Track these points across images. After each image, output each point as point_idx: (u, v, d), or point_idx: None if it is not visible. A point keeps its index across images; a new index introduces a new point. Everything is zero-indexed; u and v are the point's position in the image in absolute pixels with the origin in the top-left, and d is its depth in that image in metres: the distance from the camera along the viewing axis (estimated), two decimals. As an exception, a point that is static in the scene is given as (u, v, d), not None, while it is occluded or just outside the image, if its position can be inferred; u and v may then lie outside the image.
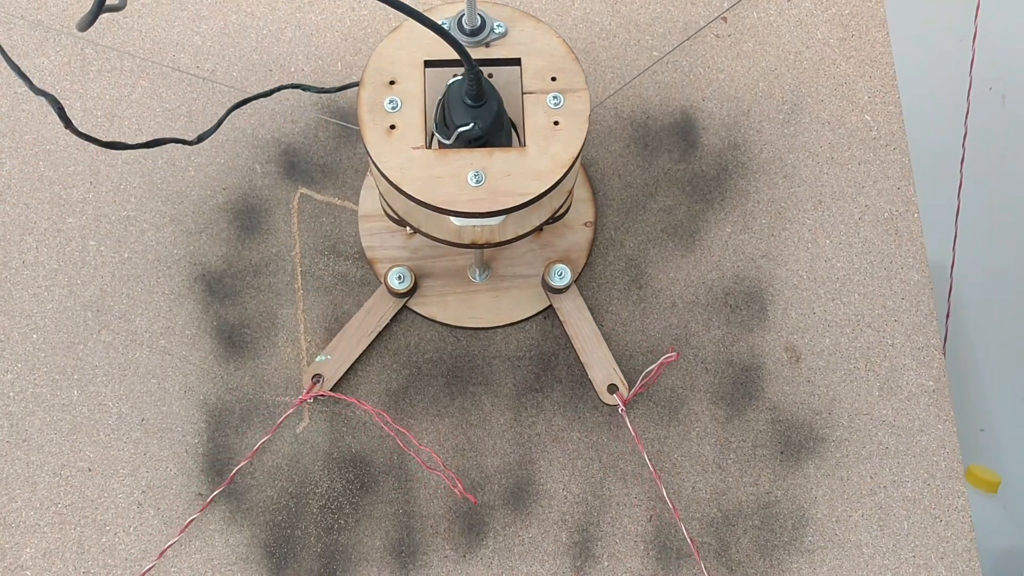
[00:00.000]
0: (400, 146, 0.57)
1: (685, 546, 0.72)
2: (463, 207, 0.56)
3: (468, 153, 0.57)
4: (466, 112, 0.57)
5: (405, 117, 0.58)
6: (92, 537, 0.71)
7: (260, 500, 0.72)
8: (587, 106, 0.59)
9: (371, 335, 0.73)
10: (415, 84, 0.59)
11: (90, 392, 0.74)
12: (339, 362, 0.73)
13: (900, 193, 0.81)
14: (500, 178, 0.57)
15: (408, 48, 0.59)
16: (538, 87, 0.59)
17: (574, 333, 0.74)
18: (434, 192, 0.57)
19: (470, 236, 0.62)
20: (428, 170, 0.57)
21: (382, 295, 0.74)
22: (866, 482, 0.74)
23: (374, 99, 0.58)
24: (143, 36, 0.82)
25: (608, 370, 0.74)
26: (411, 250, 0.76)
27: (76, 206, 0.78)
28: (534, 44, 0.60)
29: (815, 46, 0.85)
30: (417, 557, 0.71)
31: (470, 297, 0.75)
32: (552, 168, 0.57)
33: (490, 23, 0.59)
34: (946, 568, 0.72)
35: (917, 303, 0.78)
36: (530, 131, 0.58)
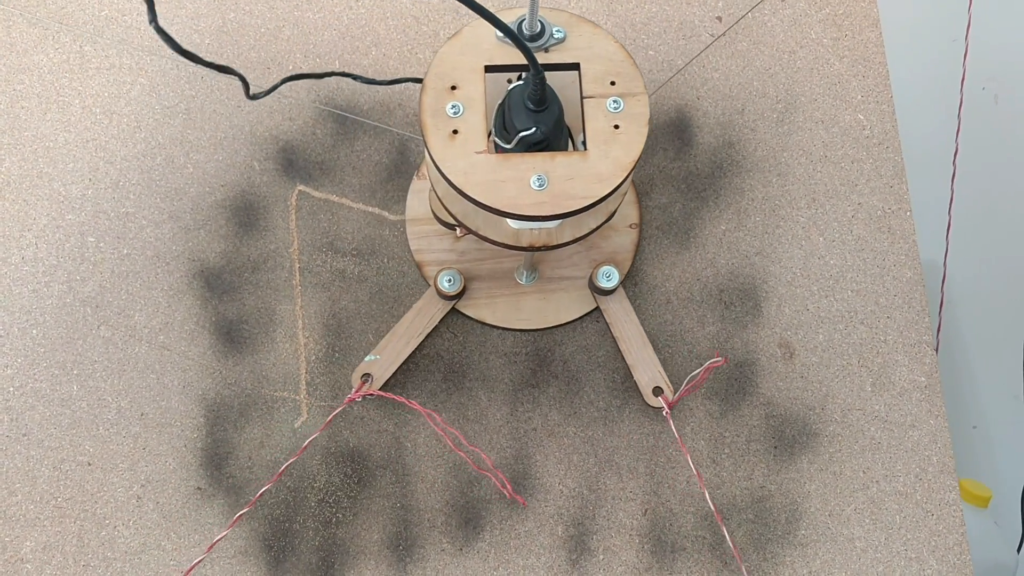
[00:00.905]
0: (463, 150, 0.58)
1: (680, 540, 0.73)
2: (526, 210, 0.57)
3: (530, 157, 0.58)
4: (528, 116, 0.57)
5: (467, 122, 0.58)
6: (92, 531, 0.72)
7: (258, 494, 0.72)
8: (647, 110, 0.59)
9: (420, 336, 0.74)
10: (476, 89, 0.59)
11: (89, 387, 0.74)
12: (388, 362, 0.73)
13: (893, 191, 0.82)
14: (562, 182, 0.57)
15: (468, 53, 0.60)
16: (598, 91, 0.59)
17: (620, 335, 0.75)
18: (497, 196, 0.57)
19: (527, 239, 0.63)
20: (491, 174, 0.58)
21: (431, 297, 0.75)
22: (859, 477, 0.75)
23: (436, 104, 0.59)
24: (142, 34, 0.83)
25: (654, 372, 0.74)
26: (458, 253, 0.77)
27: (75, 202, 0.78)
28: (592, 49, 0.60)
29: (809, 45, 0.86)
30: (414, 551, 0.72)
31: (518, 299, 0.76)
32: (614, 171, 0.58)
33: (549, 28, 0.60)
34: (937, 561, 0.73)
35: (909, 300, 0.79)
36: (591, 135, 0.59)
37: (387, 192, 0.80)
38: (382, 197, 0.79)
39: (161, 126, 0.80)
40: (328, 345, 0.76)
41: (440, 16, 0.84)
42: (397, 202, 0.79)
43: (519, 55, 0.58)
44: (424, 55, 0.83)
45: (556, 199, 0.57)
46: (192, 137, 0.80)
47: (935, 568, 0.73)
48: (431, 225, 0.76)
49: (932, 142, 1.16)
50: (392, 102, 0.82)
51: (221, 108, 0.81)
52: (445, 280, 0.74)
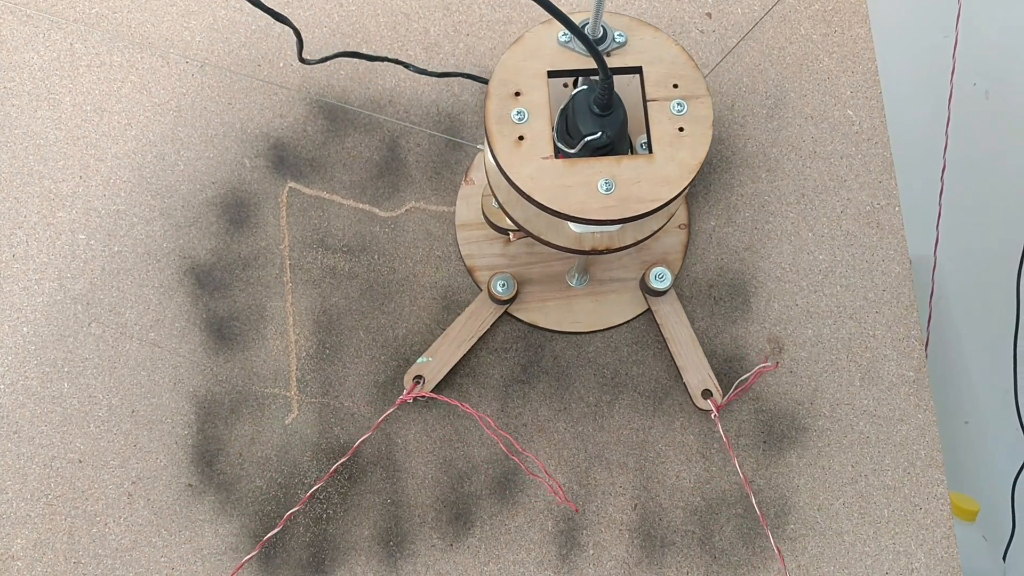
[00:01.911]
0: (529, 156, 0.58)
1: (669, 534, 0.73)
2: (595, 215, 0.57)
3: (597, 162, 0.58)
4: (594, 121, 0.57)
5: (533, 128, 0.58)
6: (82, 528, 0.72)
7: (249, 490, 0.73)
8: (711, 112, 0.59)
9: (472, 339, 0.74)
10: (540, 95, 0.59)
11: (80, 384, 0.74)
12: (440, 364, 0.73)
13: (881, 187, 0.82)
14: (630, 185, 0.57)
15: (531, 59, 0.60)
16: (661, 95, 0.59)
17: (671, 336, 0.75)
18: (565, 201, 0.57)
19: (590, 243, 0.63)
20: (559, 179, 0.57)
21: (483, 301, 0.75)
22: (847, 471, 0.75)
23: (501, 111, 0.59)
24: (132, 31, 0.83)
25: (703, 375, 0.74)
26: (509, 257, 0.77)
27: (66, 200, 0.78)
28: (654, 52, 0.60)
29: (798, 42, 0.86)
30: (405, 546, 0.72)
31: (570, 302, 0.76)
32: (680, 174, 0.58)
33: (611, 33, 0.60)
34: (925, 554, 0.73)
35: (898, 295, 0.79)
36: (656, 137, 0.59)
37: (377, 189, 0.80)
38: (372, 194, 0.80)
39: (152, 123, 0.81)
40: (319, 342, 0.76)
41: (430, 13, 0.85)
42: (387, 199, 0.80)
43: (581, 60, 0.59)
44: (415, 51, 0.84)
45: (624, 203, 0.57)
46: (183, 134, 0.80)
47: (923, 561, 0.73)
48: (481, 230, 0.77)
49: (923, 137, 1.16)
50: (383, 99, 0.82)
51: (212, 105, 0.81)
52: (499, 284, 0.74)
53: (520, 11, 0.85)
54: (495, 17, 0.85)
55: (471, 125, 0.82)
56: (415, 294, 0.77)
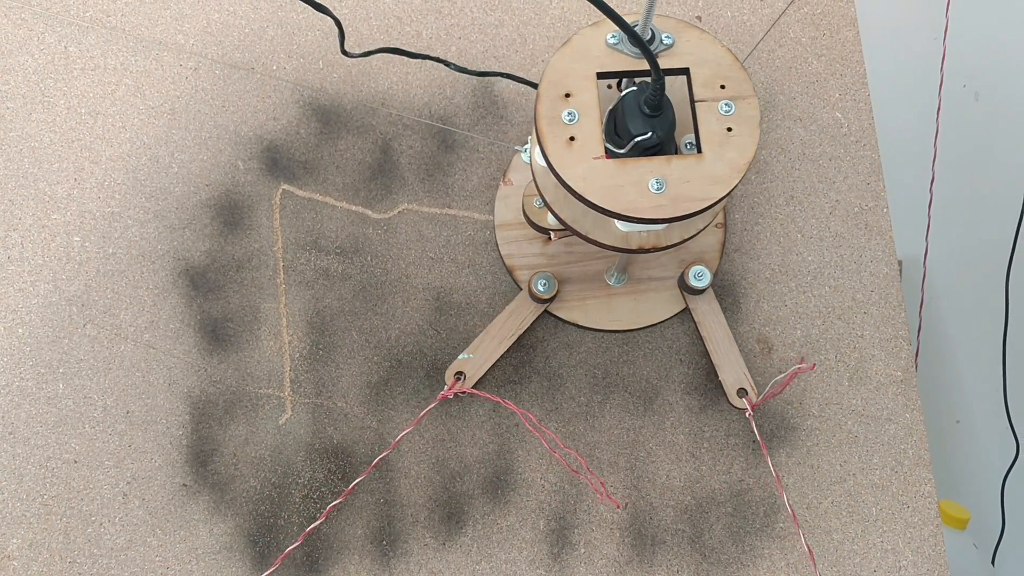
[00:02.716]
0: (581, 156, 0.59)
1: (660, 533, 0.74)
2: (646, 213, 0.58)
3: (647, 161, 0.59)
4: (644, 122, 0.58)
5: (583, 128, 0.59)
6: (78, 528, 0.72)
7: (243, 490, 0.73)
8: (758, 112, 0.60)
9: (512, 337, 0.75)
10: (590, 96, 0.60)
11: (75, 385, 0.75)
12: (480, 361, 0.74)
13: (870, 188, 0.83)
14: (680, 184, 0.58)
15: (580, 61, 0.60)
16: (709, 95, 0.60)
17: (708, 335, 0.76)
18: (618, 200, 0.58)
19: (637, 241, 0.63)
20: (610, 179, 0.58)
21: (524, 300, 0.76)
22: (836, 470, 0.76)
23: (552, 112, 0.59)
24: (126, 34, 0.83)
25: (739, 374, 0.75)
26: (548, 256, 0.78)
27: (60, 202, 0.79)
28: (700, 54, 0.61)
29: (787, 44, 0.87)
30: (398, 545, 0.73)
31: (609, 301, 0.77)
32: (729, 173, 0.59)
33: (659, 35, 0.61)
34: (913, 552, 0.74)
35: (886, 295, 0.80)
36: (704, 138, 0.59)
37: (370, 191, 0.80)
38: (365, 196, 0.80)
39: (146, 126, 0.81)
40: (312, 342, 0.77)
41: (422, 16, 0.85)
42: (380, 200, 0.80)
43: (629, 61, 0.60)
44: (407, 55, 0.84)
45: (675, 202, 0.58)
46: (177, 137, 0.81)
47: (910, 559, 0.74)
48: (521, 230, 0.78)
49: (913, 139, 1.17)
50: (376, 101, 0.83)
51: (206, 108, 0.82)
52: (540, 284, 0.74)
53: (512, 14, 0.86)
54: (487, 20, 0.86)
55: (463, 128, 0.82)
56: (408, 295, 0.78)
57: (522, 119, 0.83)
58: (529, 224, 0.74)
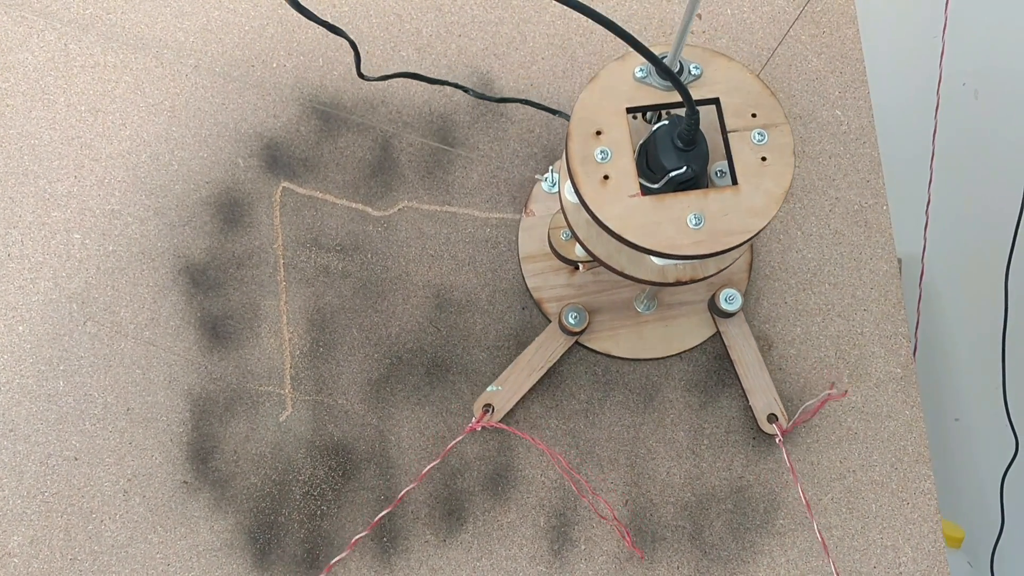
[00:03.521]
0: (616, 195, 0.58)
1: (660, 530, 0.74)
2: (687, 250, 0.57)
3: (684, 196, 0.57)
4: (678, 156, 0.57)
5: (617, 166, 0.58)
6: (78, 525, 0.72)
7: (244, 487, 0.73)
8: (791, 139, 0.59)
9: (541, 370, 0.74)
10: (621, 132, 0.59)
11: (76, 382, 0.75)
12: (509, 394, 0.74)
13: (869, 186, 0.83)
14: (719, 218, 0.57)
15: (609, 97, 0.59)
16: (741, 125, 0.59)
17: (738, 359, 0.75)
18: (656, 238, 0.57)
19: (674, 275, 0.62)
20: (648, 217, 0.57)
21: (553, 332, 0.75)
22: (835, 466, 0.76)
23: (584, 151, 0.58)
24: (126, 32, 0.83)
25: (769, 399, 0.75)
26: (576, 287, 0.77)
27: (61, 200, 0.79)
28: (730, 82, 0.60)
29: (787, 42, 0.87)
30: (398, 542, 0.73)
31: (640, 328, 0.76)
32: (767, 203, 0.57)
33: (687, 65, 0.60)
34: (912, 549, 0.74)
35: (885, 293, 0.80)
36: (740, 169, 0.58)
37: (370, 188, 0.80)
38: (366, 193, 0.80)
39: (146, 123, 0.81)
40: (312, 340, 0.77)
41: (422, 14, 0.85)
42: (380, 198, 0.80)
43: (659, 94, 0.59)
44: (407, 52, 0.84)
45: (714, 236, 0.57)
46: (177, 134, 0.81)
47: (910, 555, 0.74)
48: (547, 261, 0.77)
49: (913, 137, 1.17)
50: (376, 99, 0.83)
51: (206, 105, 0.82)
52: (571, 317, 0.74)
53: (512, 12, 0.86)
54: (487, 18, 0.86)
55: (463, 125, 0.82)
56: (408, 292, 0.78)
57: (521, 116, 0.83)
58: (556, 256, 0.74)
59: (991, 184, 1.25)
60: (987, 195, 1.25)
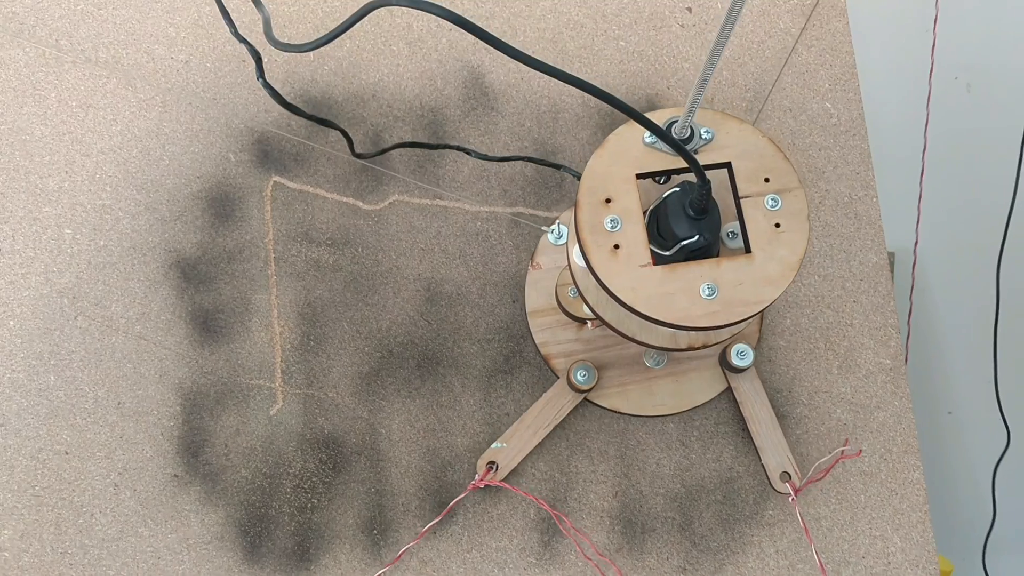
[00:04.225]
0: (627, 265, 0.56)
1: (650, 521, 0.74)
2: (700, 322, 0.55)
3: (697, 266, 0.56)
4: (690, 225, 0.56)
5: (627, 235, 0.57)
6: (69, 518, 0.72)
7: (235, 481, 0.74)
8: (805, 205, 0.57)
9: (548, 427, 0.73)
10: (631, 200, 0.57)
11: (67, 377, 0.75)
12: (514, 451, 0.73)
13: (859, 178, 0.83)
14: (732, 288, 0.56)
15: (618, 163, 0.58)
16: (754, 190, 0.57)
17: (750, 415, 0.74)
18: (669, 309, 0.55)
19: (686, 341, 0.62)
20: (660, 287, 0.56)
21: (561, 388, 0.74)
22: (824, 457, 0.76)
23: (593, 220, 0.57)
24: (117, 27, 0.83)
25: (782, 457, 0.73)
26: (584, 341, 0.75)
27: (52, 195, 0.79)
28: (741, 146, 0.58)
29: (777, 35, 0.87)
30: (389, 534, 0.73)
31: (651, 384, 0.75)
32: (782, 272, 0.56)
33: (697, 130, 0.58)
34: (901, 539, 0.74)
35: (875, 284, 0.80)
36: (753, 236, 0.57)
37: (361, 182, 0.81)
38: (356, 187, 0.80)
39: (137, 118, 0.81)
40: (303, 333, 0.77)
41: (412, 9, 0.85)
42: (371, 192, 0.80)
43: (668, 159, 0.57)
44: (398, 47, 0.84)
45: (728, 307, 0.55)
46: (168, 129, 0.81)
47: (899, 546, 0.74)
48: (554, 316, 0.76)
49: (905, 130, 1.17)
50: (366, 93, 0.83)
51: (196, 101, 0.82)
52: (580, 375, 0.72)
53: (502, 6, 0.86)
54: (478, 12, 0.86)
55: (453, 119, 0.83)
56: (399, 286, 0.78)
57: (512, 110, 0.83)
58: (563, 312, 0.72)
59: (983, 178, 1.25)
60: (979, 188, 1.26)
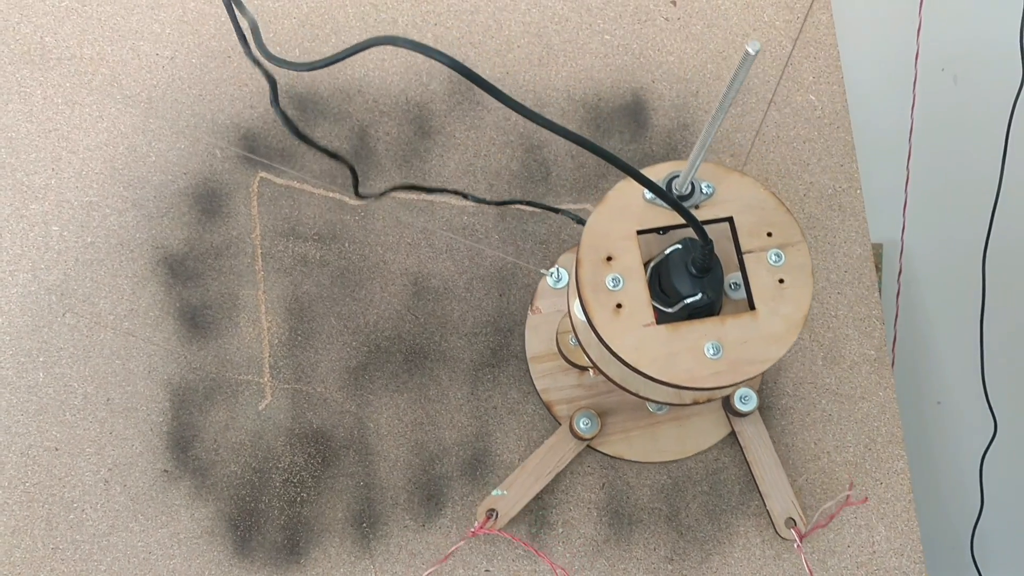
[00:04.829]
0: (630, 324, 0.55)
1: (637, 512, 0.75)
2: (706, 382, 0.54)
3: (700, 324, 0.55)
4: (693, 283, 0.55)
5: (630, 294, 0.56)
6: (60, 514, 0.73)
7: (224, 475, 0.74)
8: (809, 259, 0.56)
9: (549, 475, 0.72)
10: (632, 257, 0.56)
11: (56, 374, 0.75)
12: (515, 499, 0.72)
13: (843, 170, 0.84)
14: (737, 346, 0.55)
15: (618, 219, 0.57)
16: (756, 245, 0.57)
17: (754, 460, 0.73)
18: (673, 370, 0.54)
19: (691, 396, 0.61)
20: (664, 347, 0.55)
21: (564, 436, 0.73)
22: (810, 448, 0.77)
23: (595, 279, 0.56)
24: (102, 24, 0.83)
25: (787, 503, 0.73)
26: (586, 387, 0.75)
27: (39, 192, 0.79)
28: (743, 200, 0.57)
29: (762, 28, 0.87)
30: (378, 527, 0.74)
31: (654, 430, 0.74)
32: (787, 329, 0.55)
33: (699, 185, 0.57)
34: (886, 528, 0.75)
35: (859, 276, 0.81)
36: (757, 293, 0.56)
37: (347, 177, 0.81)
38: (343, 182, 0.81)
39: (123, 115, 0.81)
40: (291, 328, 0.77)
41: (398, 4, 0.86)
42: (358, 186, 0.81)
43: (670, 215, 0.56)
44: (383, 42, 0.84)
45: (734, 366, 0.54)
46: (154, 126, 0.81)
47: (884, 535, 0.75)
48: (554, 361, 0.75)
49: (891, 123, 1.18)
50: (352, 88, 0.83)
51: (182, 97, 0.82)
52: (583, 423, 0.72)
53: (488, 0, 0.86)
54: (463, 7, 0.86)
55: (439, 114, 0.83)
56: (386, 280, 0.79)
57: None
58: (564, 359, 0.72)
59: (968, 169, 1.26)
60: (964, 180, 1.26)
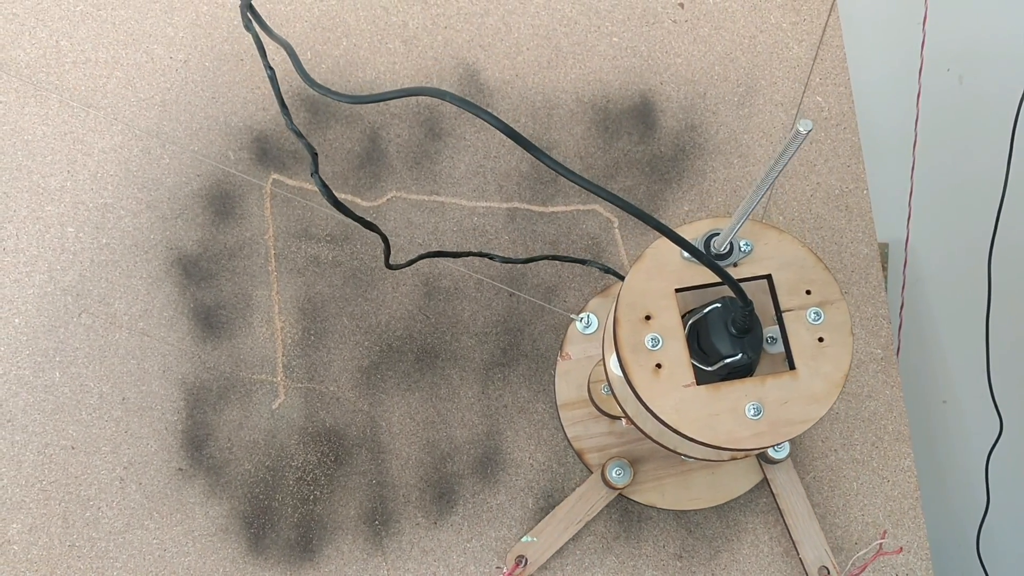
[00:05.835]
0: (670, 385, 0.55)
1: (646, 509, 0.75)
2: (747, 444, 0.54)
3: (741, 385, 0.55)
4: (733, 343, 0.55)
5: (669, 354, 0.55)
6: (76, 512, 0.74)
7: (238, 474, 0.75)
8: (848, 317, 0.56)
9: (579, 523, 0.72)
10: (671, 316, 0.56)
11: (72, 373, 0.76)
12: (544, 546, 0.72)
13: (850, 171, 0.84)
14: (778, 407, 0.54)
15: (656, 278, 0.57)
16: (796, 303, 0.56)
17: (786, 508, 0.73)
18: (714, 431, 0.54)
19: (729, 452, 0.60)
20: (705, 408, 0.54)
21: (595, 484, 0.73)
22: (817, 446, 0.77)
23: (634, 338, 0.55)
24: (116, 28, 0.84)
25: (820, 551, 0.72)
26: (618, 435, 0.75)
27: (54, 194, 0.80)
28: (781, 257, 0.57)
29: (769, 30, 0.88)
30: (390, 525, 0.74)
31: (686, 478, 0.74)
32: (827, 389, 0.55)
33: (737, 243, 0.57)
34: (893, 525, 0.76)
35: (866, 275, 0.82)
36: (797, 352, 0.55)
37: (359, 179, 0.82)
38: (355, 184, 0.82)
39: (137, 118, 0.82)
40: (304, 328, 0.78)
41: (408, 6, 0.86)
42: (369, 188, 0.82)
43: (707, 274, 0.56)
44: (394, 45, 0.85)
45: (774, 427, 0.54)
46: (168, 128, 0.82)
47: (891, 532, 0.76)
48: (585, 408, 0.75)
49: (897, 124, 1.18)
50: (363, 91, 0.84)
51: (196, 99, 0.83)
52: (615, 472, 0.71)
53: (497, 3, 0.87)
54: (473, 9, 0.87)
55: (449, 116, 0.84)
56: (397, 281, 0.79)
57: (507, 107, 0.84)
58: (596, 408, 0.71)
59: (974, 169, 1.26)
60: (970, 179, 1.27)
